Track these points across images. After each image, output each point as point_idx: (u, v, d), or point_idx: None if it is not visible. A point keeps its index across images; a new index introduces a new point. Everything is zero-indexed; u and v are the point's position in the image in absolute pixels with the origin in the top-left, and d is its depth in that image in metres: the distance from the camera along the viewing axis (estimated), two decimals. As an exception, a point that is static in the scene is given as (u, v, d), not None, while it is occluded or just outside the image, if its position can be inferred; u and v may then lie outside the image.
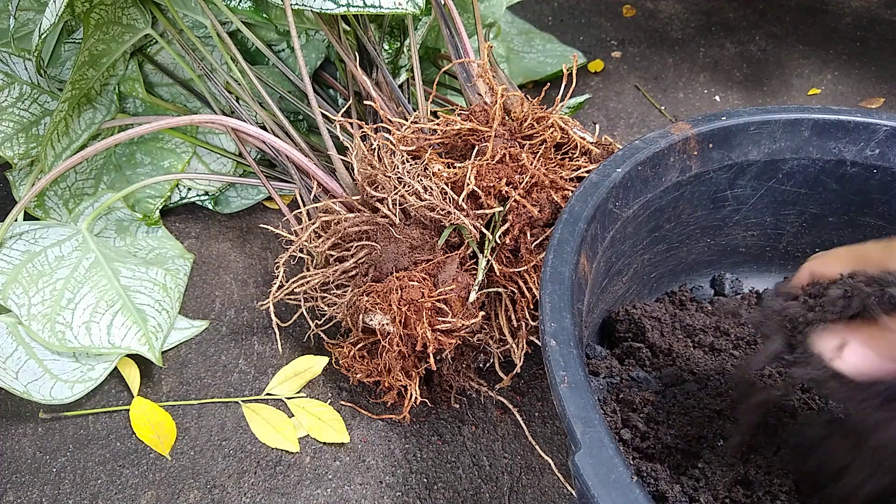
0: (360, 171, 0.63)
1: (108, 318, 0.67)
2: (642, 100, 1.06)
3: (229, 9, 0.74)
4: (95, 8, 0.72)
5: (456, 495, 0.58)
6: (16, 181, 0.80)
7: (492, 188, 0.56)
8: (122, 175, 0.84)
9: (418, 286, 0.54)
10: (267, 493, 0.59)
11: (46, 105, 0.78)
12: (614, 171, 0.53)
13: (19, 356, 0.65)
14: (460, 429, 0.63)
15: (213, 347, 0.71)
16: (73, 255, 0.70)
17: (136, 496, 0.59)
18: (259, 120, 0.75)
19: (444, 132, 0.61)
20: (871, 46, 1.15)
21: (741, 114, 0.59)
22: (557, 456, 0.60)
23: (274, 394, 0.66)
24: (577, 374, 0.39)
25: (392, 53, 0.81)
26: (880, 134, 0.58)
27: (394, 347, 0.55)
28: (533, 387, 0.66)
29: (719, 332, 0.60)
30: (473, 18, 0.78)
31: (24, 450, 0.63)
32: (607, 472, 0.34)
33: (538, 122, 0.63)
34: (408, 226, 0.59)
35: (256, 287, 0.78)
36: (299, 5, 0.66)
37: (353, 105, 0.77)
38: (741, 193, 0.62)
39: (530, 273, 0.57)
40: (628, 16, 1.26)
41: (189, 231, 0.85)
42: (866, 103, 1.03)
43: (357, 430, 0.63)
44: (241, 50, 0.82)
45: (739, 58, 1.14)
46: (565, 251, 0.47)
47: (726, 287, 0.67)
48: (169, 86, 0.86)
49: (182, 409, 0.66)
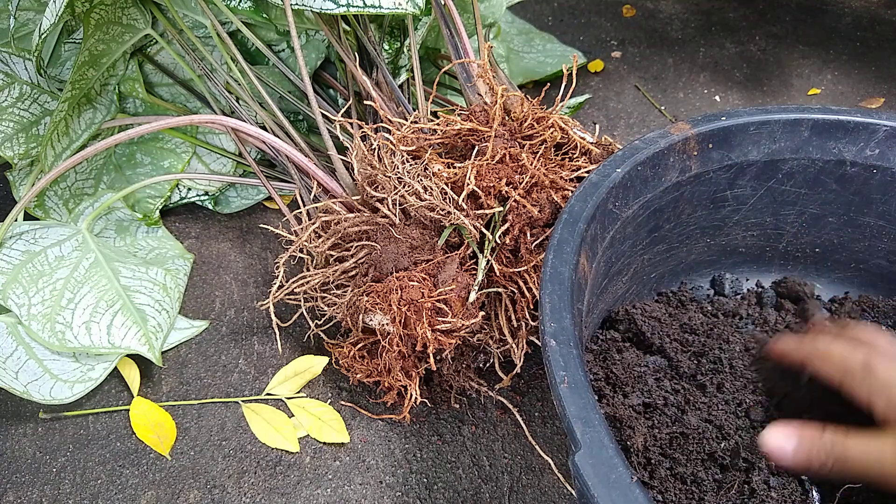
0: (360, 171, 0.63)
1: (108, 318, 0.67)
2: (642, 100, 1.06)
3: (229, 9, 0.74)
4: (95, 8, 0.72)
5: (456, 495, 0.58)
6: (16, 181, 0.80)
7: (492, 188, 0.56)
8: (122, 175, 0.84)
9: (418, 286, 0.54)
10: (267, 493, 0.59)
11: (46, 105, 0.78)
12: (614, 171, 0.53)
13: (19, 356, 0.65)
14: (460, 429, 0.63)
15: (213, 347, 0.71)
16: (73, 255, 0.70)
17: (136, 496, 0.59)
18: (259, 120, 0.75)
19: (444, 132, 0.61)
20: (871, 46, 1.15)
21: (741, 114, 0.59)
22: (557, 456, 0.60)
23: (274, 394, 0.66)
24: (577, 375, 0.39)
25: (392, 53, 0.81)
26: (880, 134, 0.58)
27: (394, 347, 0.55)
28: (533, 387, 0.66)
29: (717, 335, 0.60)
30: (473, 18, 0.78)
31: (24, 450, 0.63)
32: (607, 472, 0.34)
33: (538, 123, 0.63)
34: (408, 226, 0.59)
35: (256, 287, 0.78)
36: (299, 5, 0.66)
37: (353, 105, 0.77)
38: (741, 193, 0.62)
39: (530, 273, 0.57)
40: (628, 16, 1.26)
41: (189, 231, 0.85)
42: (866, 103, 1.03)
43: (357, 430, 0.63)
44: (241, 50, 0.82)
45: (739, 58, 1.14)
46: (565, 251, 0.47)
47: (726, 287, 0.67)
48: (169, 86, 0.86)
49: (182, 409, 0.66)
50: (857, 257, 0.65)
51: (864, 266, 0.66)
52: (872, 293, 0.66)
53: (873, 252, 0.64)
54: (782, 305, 0.66)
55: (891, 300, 0.65)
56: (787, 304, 0.66)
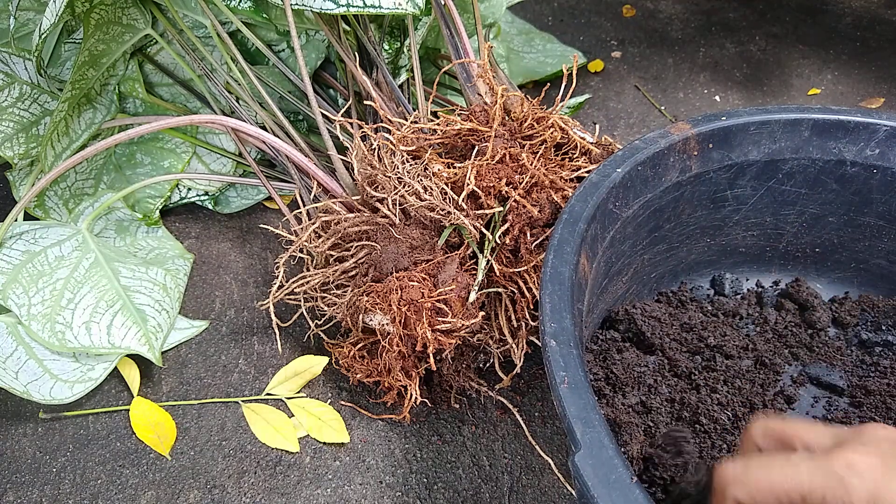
0: (360, 171, 0.63)
1: (108, 319, 0.67)
2: (642, 100, 1.06)
3: (229, 9, 0.74)
4: (95, 8, 0.72)
5: (456, 495, 0.58)
6: (16, 181, 0.80)
7: (492, 188, 0.56)
8: (122, 175, 0.84)
9: (418, 286, 0.54)
10: (267, 493, 0.59)
11: (46, 105, 0.78)
12: (614, 171, 0.53)
13: (19, 356, 0.65)
14: (460, 429, 0.63)
15: (213, 347, 0.71)
16: (73, 255, 0.70)
17: (136, 496, 0.59)
18: (259, 120, 0.75)
19: (444, 132, 0.61)
20: (871, 46, 1.15)
21: (741, 114, 0.59)
22: (557, 456, 0.60)
23: (274, 394, 0.66)
24: (577, 375, 0.39)
25: (392, 53, 0.81)
26: (880, 134, 0.58)
27: (394, 347, 0.55)
28: (533, 387, 0.66)
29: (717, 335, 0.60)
30: (473, 18, 0.78)
31: (24, 450, 0.63)
32: (607, 472, 0.34)
33: (538, 123, 0.63)
34: (408, 226, 0.59)
35: (256, 287, 0.78)
36: (299, 5, 0.66)
37: (353, 105, 0.77)
38: (741, 193, 0.62)
39: (530, 273, 0.57)
40: (628, 16, 1.26)
41: (189, 231, 0.85)
42: (866, 103, 1.03)
43: (357, 430, 0.63)
44: (241, 50, 0.82)
45: (739, 58, 1.14)
46: (565, 251, 0.47)
47: (726, 287, 0.67)
48: (169, 86, 0.86)
49: (182, 409, 0.66)
50: (857, 257, 0.65)
51: (864, 266, 0.66)
52: (872, 293, 0.66)
53: (873, 252, 0.64)
54: (782, 305, 0.66)
55: (891, 300, 0.65)
56: (787, 303, 0.66)
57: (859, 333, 0.63)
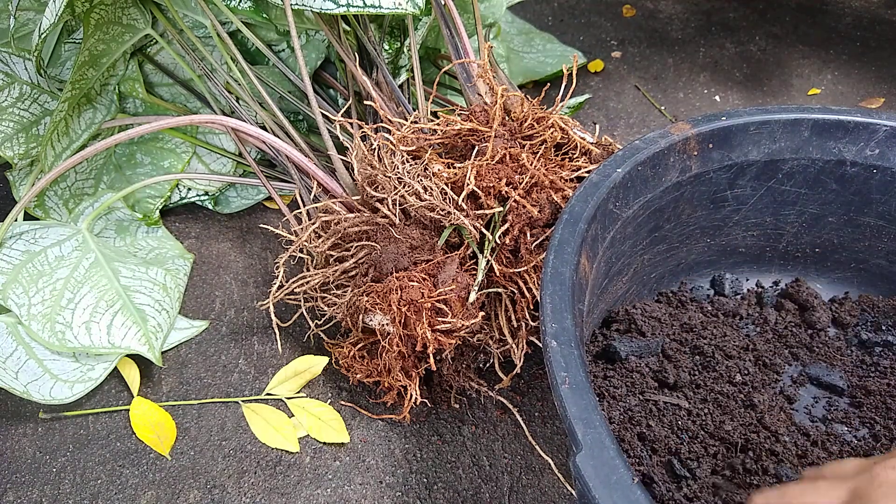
0: (360, 171, 0.63)
1: (108, 318, 0.67)
2: (642, 100, 1.06)
3: (229, 9, 0.74)
4: (95, 8, 0.72)
5: (456, 495, 0.58)
6: (16, 181, 0.80)
7: (492, 188, 0.56)
8: (122, 175, 0.84)
9: (418, 286, 0.54)
10: (267, 493, 0.59)
11: (46, 105, 0.78)
12: (614, 171, 0.53)
13: (19, 356, 0.65)
14: (460, 429, 0.63)
15: (213, 347, 0.71)
16: (73, 255, 0.70)
17: (136, 496, 0.59)
18: (259, 120, 0.75)
19: (444, 132, 0.61)
20: (871, 46, 1.15)
21: (741, 114, 0.59)
22: (557, 456, 0.60)
23: (274, 394, 0.66)
24: (578, 375, 0.39)
25: (392, 53, 0.81)
26: (880, 134, 0.58)
27: (394, 347, 0.55)
28: (533, 387, 0.66)
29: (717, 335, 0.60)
30: (473, 18, 0.78)
31: (24, 450, 0.63)
32: (608, 473, 0.34)
33: (538, 123, 0.63)
34: (408, 226, 0.59)
35: (256, 287, 0.78)
36: (299, 5, 0.66)
37: (353, 105, 0.76)
38: (741, 193, 0.62)
39: (530, 273, 0.57)
40: (628, 16, 1.26)
41: (189, 231, 0.85)
42: (866, 103, 1.03)
43: (357, 430, 0.63)
44: (241, 50, 0.82)
45: (739, 58, 1.14)
46: (566, 252, 0.47)
47: (726, 287, 0.67)
48: (169, 86, 0.86)
49: (182, 409, 0.66)
50: (857, 257, 0.65)
51: (864, 266, 0.66)
52: (872, 293, 0.66)
53: (873, 252, 0.64)
54: (782, 305, 0.66)
55: (891, 300, 0.65)
56: (787, 304, 0.66)
57: (859, 333, 0.63)
